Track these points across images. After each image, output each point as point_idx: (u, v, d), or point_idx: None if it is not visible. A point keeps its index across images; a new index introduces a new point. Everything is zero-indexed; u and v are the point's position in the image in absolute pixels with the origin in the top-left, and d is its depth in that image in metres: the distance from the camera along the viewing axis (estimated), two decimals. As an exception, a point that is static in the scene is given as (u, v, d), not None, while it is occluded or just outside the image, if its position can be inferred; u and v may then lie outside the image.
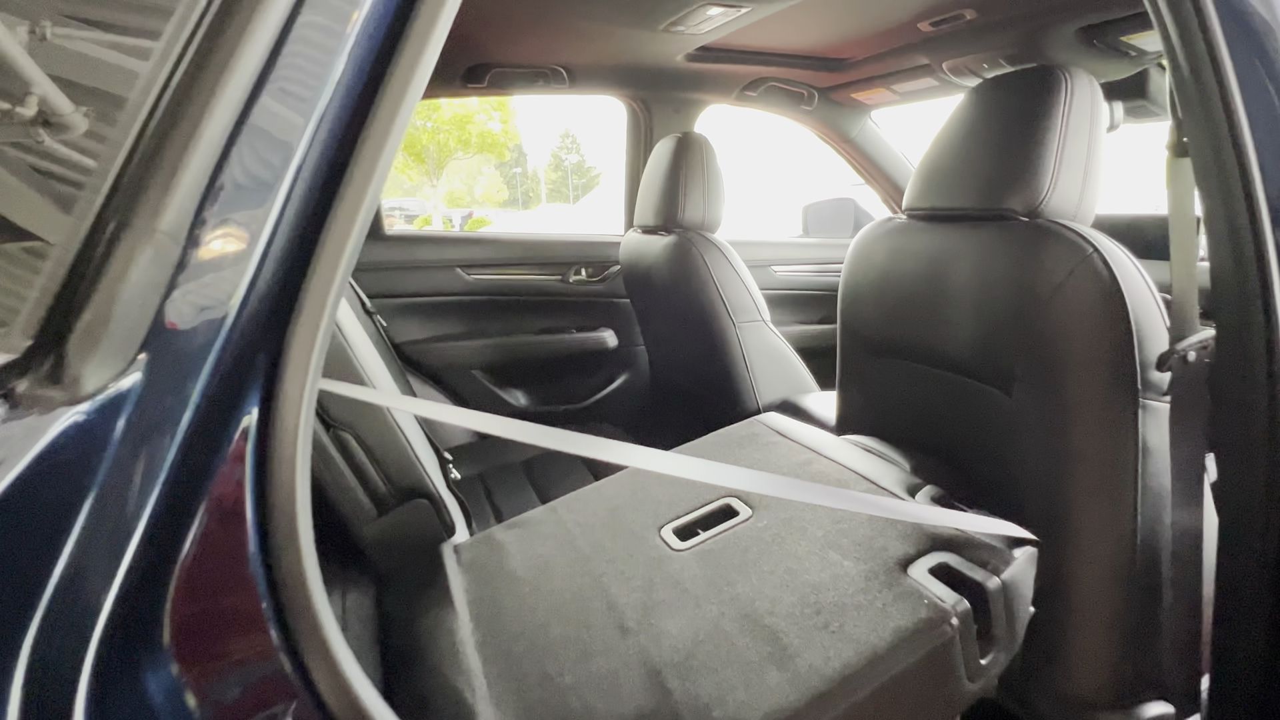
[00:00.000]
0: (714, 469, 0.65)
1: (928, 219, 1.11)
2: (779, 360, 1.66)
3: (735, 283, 1.60)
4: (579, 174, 38.48)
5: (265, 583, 0.42)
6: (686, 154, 1.64)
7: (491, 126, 20.94)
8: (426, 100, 14.37)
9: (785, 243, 2.41)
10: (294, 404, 0.43)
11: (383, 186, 0.48)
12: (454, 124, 20.32)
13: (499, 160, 24.83)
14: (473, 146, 21.10)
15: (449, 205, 31.78)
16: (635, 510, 1.08)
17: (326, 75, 0.43)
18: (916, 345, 1.11)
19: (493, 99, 20.03)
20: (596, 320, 2.19)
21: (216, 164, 0.39)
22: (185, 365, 0.38)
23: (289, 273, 0.43)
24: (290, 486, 0.43)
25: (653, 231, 1.74)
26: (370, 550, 1.11)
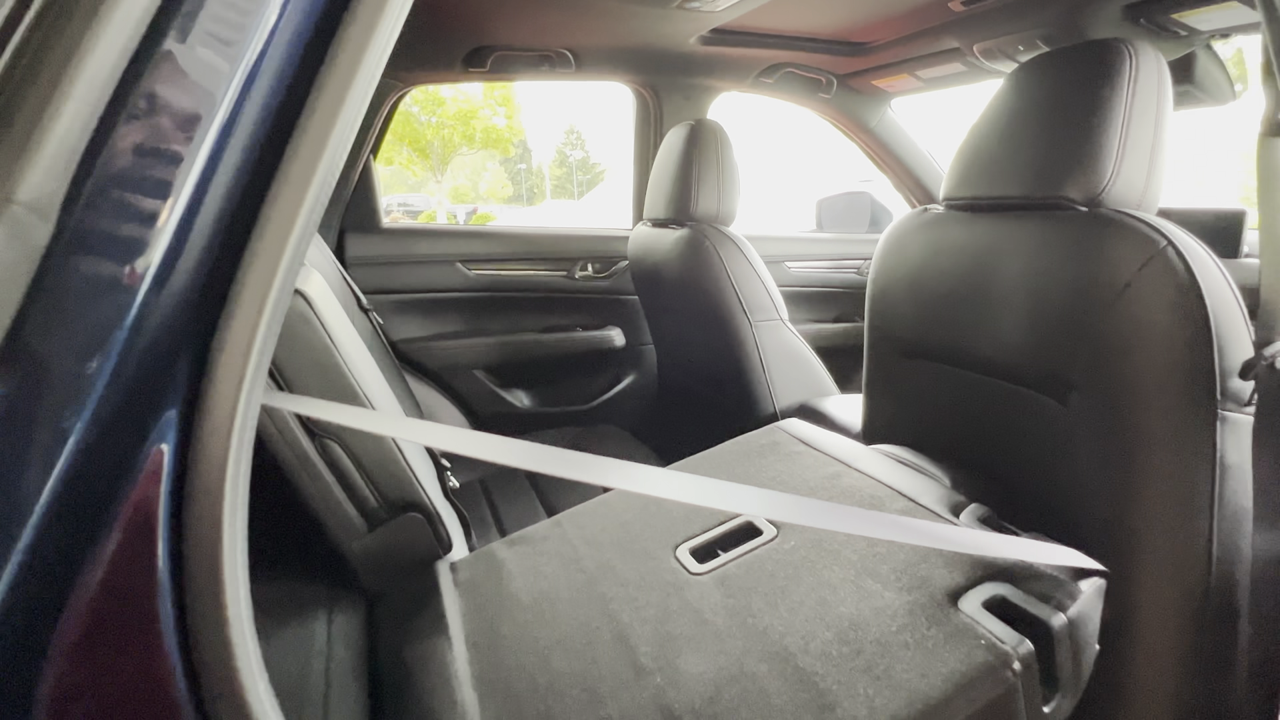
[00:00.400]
0: (738, 495, 0.56)
1: (969, 209, 1.01)
2: (798, 361, 1.57)
3: (752, 279, 1.51)
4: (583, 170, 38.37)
5: (183, 673, 0.33)
6: (700, 142, 1.54)
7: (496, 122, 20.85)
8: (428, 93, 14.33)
9: (798, 237, 2.31)
10: (221, 427, 0.34)
11: (343, 158, 0.39)
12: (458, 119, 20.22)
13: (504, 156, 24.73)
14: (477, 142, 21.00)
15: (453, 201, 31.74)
16: (648, 526, 0.99)
17: (259, 11, 0.34)
18: (956, 348, 1.02)
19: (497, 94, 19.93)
20: (603, 318, 2.10)
21: (103, 116, 0.29)
22: (63, 380, 0.29)
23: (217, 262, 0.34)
24: (213, 542, 0.33)
25: (664, 225, 1.65)
26: (359, 568, 1.02)
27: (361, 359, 1.04)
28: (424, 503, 1.03)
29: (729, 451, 1.16)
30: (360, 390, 0.96)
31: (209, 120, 0.33)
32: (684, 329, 1.71)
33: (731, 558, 0.89)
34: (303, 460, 0.95)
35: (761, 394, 1.54)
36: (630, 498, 1.08)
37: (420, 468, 1.08)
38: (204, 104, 0.33)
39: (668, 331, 1.83)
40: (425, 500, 1.03)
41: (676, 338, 1.79)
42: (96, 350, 0.29)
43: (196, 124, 0.32)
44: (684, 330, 1.71)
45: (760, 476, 1.05)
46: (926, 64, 1.71)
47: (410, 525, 1.03)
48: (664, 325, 1.84)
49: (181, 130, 0.32)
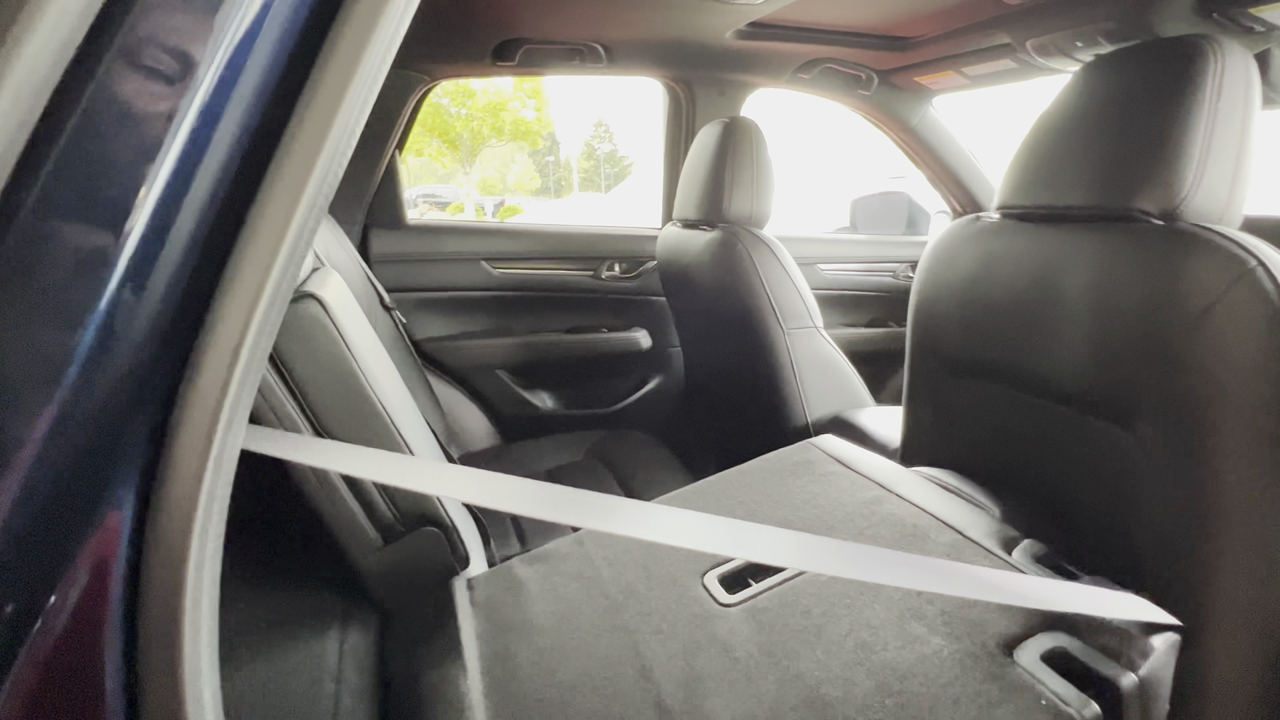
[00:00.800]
0: (763, 541, 0.51)
1: (1028, 219, 0.94)
2: (832, 371, 1.50)
3: (785, 284, 1.44)
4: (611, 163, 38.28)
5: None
6: (734, 141, 1.48)
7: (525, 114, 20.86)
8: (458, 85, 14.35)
9: (831, 239, 2.24)
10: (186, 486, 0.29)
11: (342, 162, 0.34)
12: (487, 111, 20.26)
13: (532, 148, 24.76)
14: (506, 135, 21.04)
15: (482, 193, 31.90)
16: (671, 550, 0.94)
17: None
18: (1009, 367, 0.95)
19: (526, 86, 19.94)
20: (630, 319, 2.05)
21: (48, 105, 0.24)
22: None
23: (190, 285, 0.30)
24: (169, 641, 0.28)
25: (694, 226, 1.59)
26: (373, 584, 0.99)
27: (379, 364, 1.00)
28: (441, 517, 0.99)
29: (759, 469, 1.10)
30: (375, 398, 0.92)
31: (177, 107, 0.28)
32: (714, 334, 1.65)
33: (763, 588, 0.84)
34: (317, 473, 0.92)
35: (793, 404, 1.48)
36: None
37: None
38: (169, 92, 0.28)
39: (697, 335, 1.78)
40: (442, 514, 0.99)
41: (706, 342, 1.74)
42: (29, 390, 0.25)
43: (163, 106, 0.27)
44: (714, 335, 1.66)
45: (792, 498, 0.99)
46: (974, 60, 1.63)
47: (426, 540, 0.99)
48: (693, 329, 1.79)
49: (144, 119, 0.27)
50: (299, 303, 0.87)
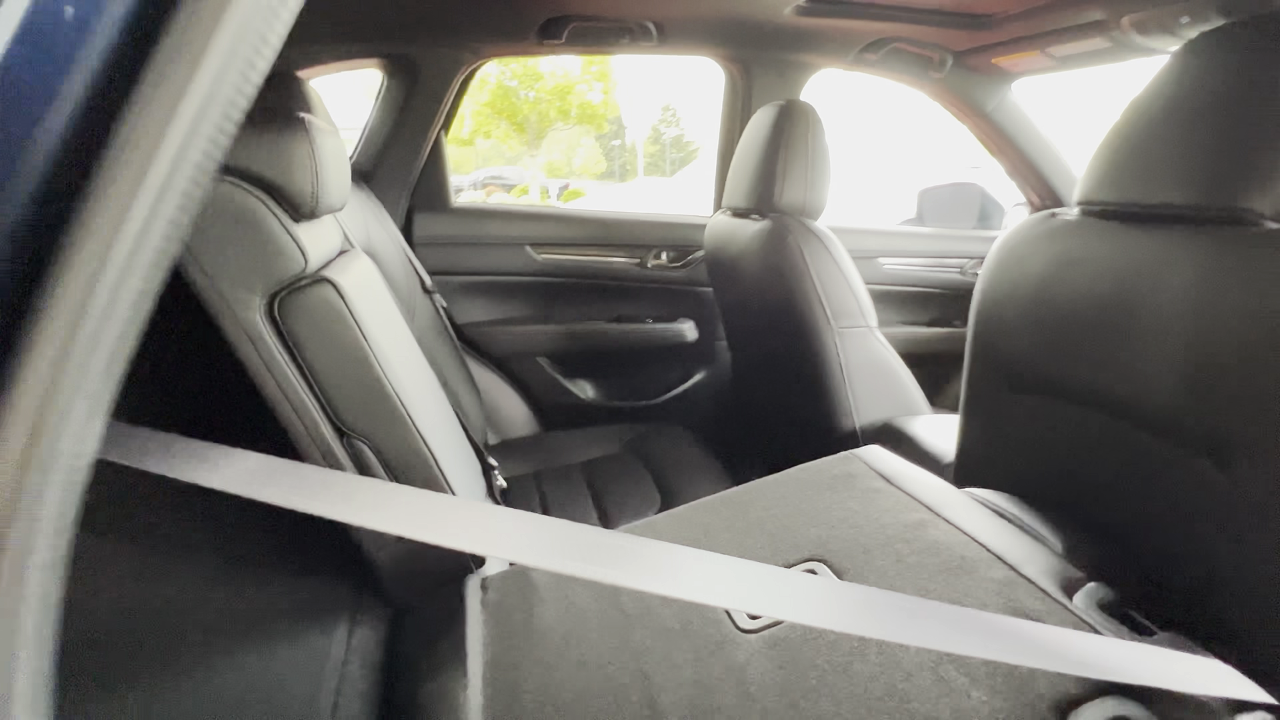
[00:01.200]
0: (798, 596, 0.44)
1: (1114, 217, 0.83)
2: (884, 375, 1.40)
3: (838, 280, 1.35)
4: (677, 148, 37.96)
5: None
6: (789, 125, 1.38)
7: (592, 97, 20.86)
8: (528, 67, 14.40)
9: (894, 231, 2.11)
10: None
11: (246, 94, 0.29)
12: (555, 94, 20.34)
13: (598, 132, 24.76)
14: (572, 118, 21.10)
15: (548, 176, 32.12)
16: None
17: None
18: (1084, 385, 0.84)
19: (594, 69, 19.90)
20: (676, 310, 1.98)
21: None
22: None
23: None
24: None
25: (744, 215, 1.51)
26: (385, 578, 0.96)
27: (400, 350, 0.97)
28: None
29: (795, 480, 1.03)
30: (390, 385, 0.89)
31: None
32: (760, 329, 1.57)
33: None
34: (330, 460, 0.89)
35: (841, 408, 1.39)
36: (681, 524, 0.97)
37: (457, 470, 1.01)
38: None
39: (742, 330, 1.70)
40: None
41: (751, 338, 1.66)
42: None
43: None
44: (760, 330, 1.58)
45: (828, 515, 0.91)
46: (1061, 39, 1.48)
47: None
48: (739, 323, 1.71)
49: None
50: (313, 287, 0.84)
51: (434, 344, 1.63)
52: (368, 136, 1.68)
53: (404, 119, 1.64)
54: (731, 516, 0.96)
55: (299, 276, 0.84)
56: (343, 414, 0.88)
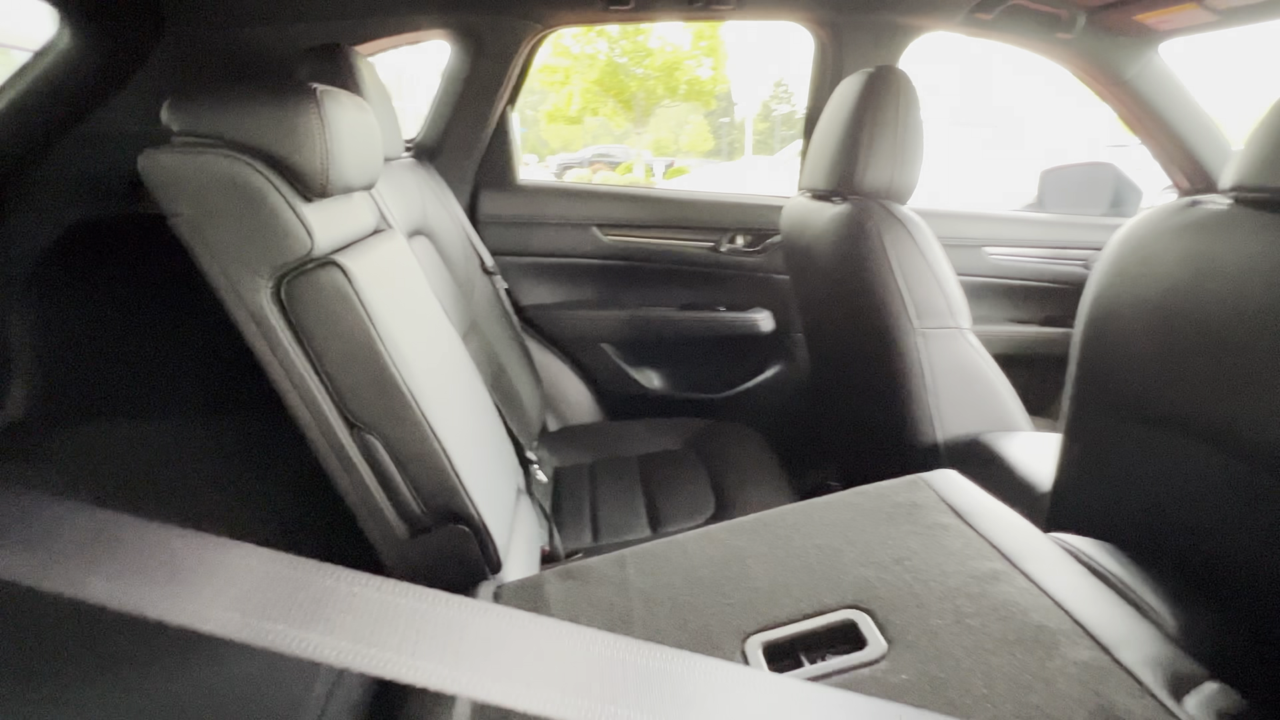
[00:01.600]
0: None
1: (1276, 206, 0.64)
2: (975, 383, 1.22)
3: (924, 274, 1.18)
4: (788, 125, 36.77)
5: None
6: (877, 96, 1.22)
7: (701, 73, 20.50)
8: (636, 44, 14.27)
9: (1003, 217, 1.86)
10: None
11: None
12: (664, 70, 20.13)
13: (706, 109, 24.33)
14: (680, 94, 20.84)
15: (654, 154, 32.05)
16: (720, 593, 0.77)
17: None
18: (1222, 424, 0.66)
19: (704, 42, 19.53)
20: (750, 299, 1.84)
21: None
22: None
23: None
24: None
25: (823, 197, 1.36)
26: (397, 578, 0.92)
27: (419, 342, 0.91)
28: (470, 514, 0.90)
29: (851, 504, 0.89)
30: (401, 380, 0.83)
31: None
32: (834, 325, 1.42)
33: (817, 673, 0.65)
34: (339, 453, 0.85)
35: (922, 418, 1.23)
36: (710, 546, 0.87)
37: (476, 467, 0.95)
38: None
39: (818, 324, 1.55)
40: (471, 512, 0.89)
41: (827, 333, 1.50)
42: None
43: None
44: (834, 327, 1.42)
45: (882, 552, 0.78)
46: (1227, -13, 1.22)
47: (455, 537, 0.90)
48: (815, 316, 1.56)
49: None
50: (320, 270, 0.79)
51: (491, 326, 1.59)
52: (433, 113, 1.64)
53: (468, 93, 1.59)
54: (771, 542, 0.85)
55: (305, 259, 0.79)
56: (351, 405, 0.83)
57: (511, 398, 1.49)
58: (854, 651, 0.66)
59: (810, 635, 0.70)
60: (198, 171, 0.75)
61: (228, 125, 0.77)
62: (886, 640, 0.66)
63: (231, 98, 0.78)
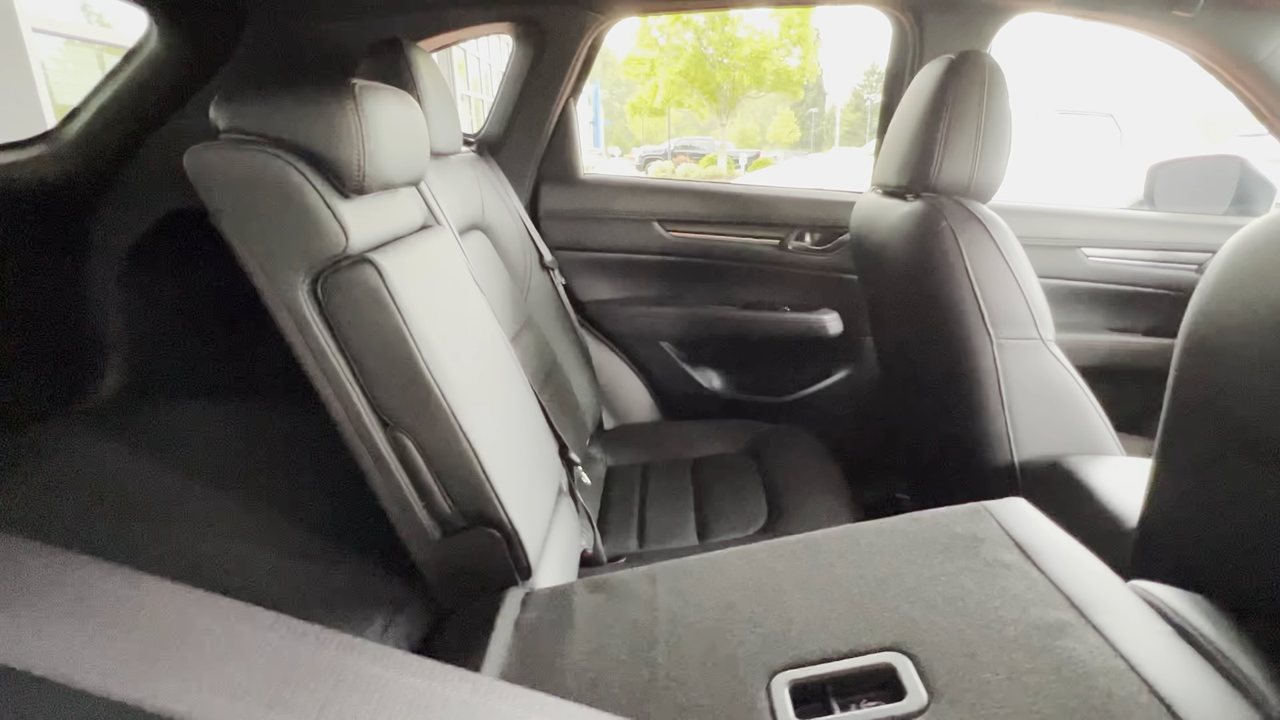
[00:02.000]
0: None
1: None
2: (1058, 400, 1.11)
3: (1002, 279, 1.08)
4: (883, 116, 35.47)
5: None
6: (958, 83, 1.11)
7: (789, 63, 20.05)
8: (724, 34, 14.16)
9: (1106, 215, 1.70)
10: None
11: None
12: (751, 60, 19.80)
13: (794, 99, 23.78)
14: (767, 85, 20.45)
15: (738, 145, 31.71)
16: (752, 622, 0.72)
17: None
18: None
19: (793, 31, 19.07)
20: (818, 299, 1.76)
21: None
22: None
23: None
24: None
25: (895, 194, 1.26)
26: (428, 576, 0.91)
27: (455, 341, 0.90)
28: (500, 519, 0.88)
29: (903, 532, 0.82)
30: (433, 380, 0.82)
31: None
32: (905, 331, 1.33)
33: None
34: (372, 450, 0.85)
35: (997, 436, 1.13)
36: (747, 567, 0.82)
37: (511, 472, 0.93)
38: None
39: (888, 329, 1.45)
40: (502, 517, 0.88)
41: (897, 339, 1.41)
42: None
43: None
44: (904, 332, 1.33)
45: (933, 591, 0.71)
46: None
47: (485, 541, 0.89)
48: (885, 320, 1.46)
49: None
50: (354, 268, 0.78)
51: (548, 321, 1.58)
52: (496, 106, 1.64)
53: (530, 86, 1.58)
54: (812, 568, 0.79)
55: (340, 256, 0.79)
56: (384, 403, 0.83)
57: (564, 395, 1.48)
58: (890, 702, 0.60)
59: (844, 677, 0.64)
60: (238, 168, 0.76)
61: (269, 122, 0.77)
62: (928, 691, 0.59)
63: (273, 95, 0.78)
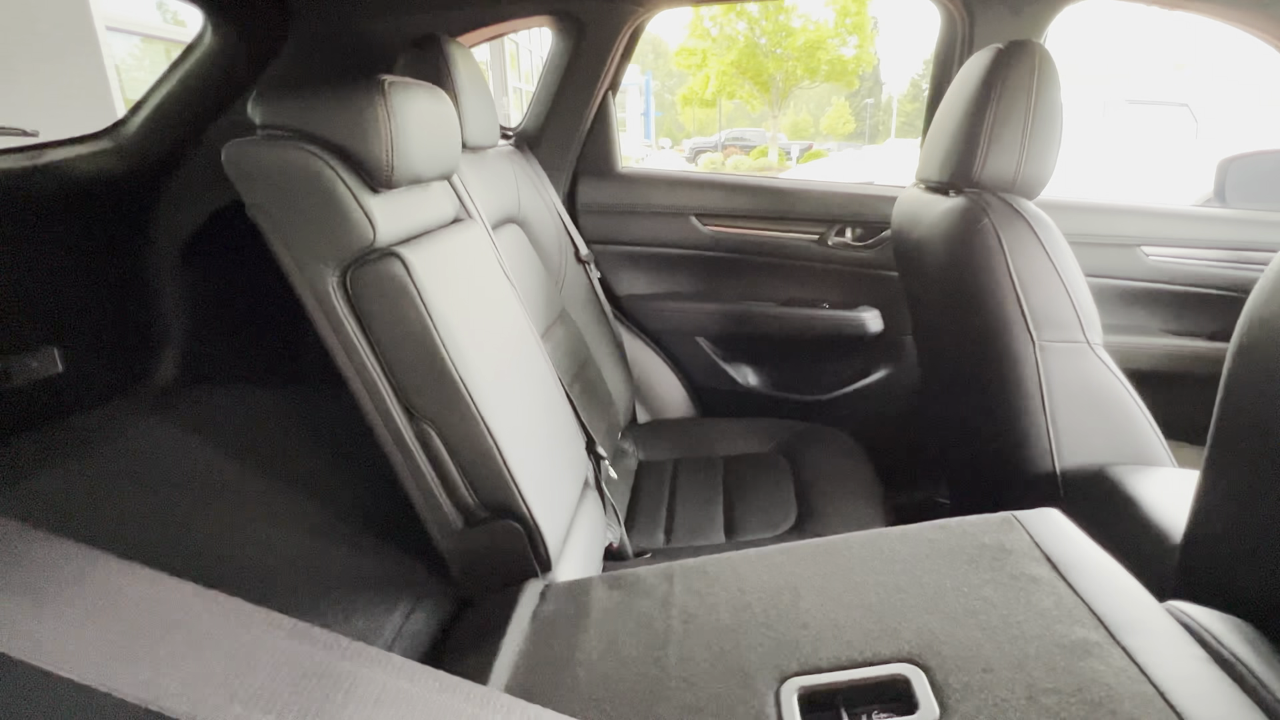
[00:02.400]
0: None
1: None
2: (1104, 406, 1.06)
3: (1047, 279, 1.03)
4: (940, 105, 34.33)
5: None
6: (1006, 74, 1.07)
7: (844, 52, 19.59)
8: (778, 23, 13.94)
9: (1168, 212, 1.61)
10: None
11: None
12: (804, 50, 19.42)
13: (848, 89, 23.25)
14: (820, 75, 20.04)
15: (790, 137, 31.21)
16: (766, 626, 0.71)
17: None
18: None
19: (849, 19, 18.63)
20: (858, 296, 1.72)
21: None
22: None
23: None
24: None
25: (938, 190, 1.22)
26: (451, 566, 0.93)
27: (480, 335, 0.91)
28: (521, 511, 0.89)
29: (927, 540, 0.80)
30: (456, 374, 0.83)
31: None
32: (944, 330, 1.29)
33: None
34: (398, 440, 0.87)
35: (1038, 442, 1.08)
36: (764, 570, 0.81)
37: (533, 467, 0.94)
38: None
39: (928, 329, 1.41)
40: (522, 508, 0.89)
41: (936, 340, 1.37)
42: None
43: None
44: (944, 332, 1.29)
45: (953, 600, 0.69)
46: None
47: (506, 533, 0.90)
48: (925, 320, 1.42)
49: None
50: (381, 261, 0.80)
51: (582, 315, 1.59)
52: (534, 100, 1.65)
53: (569, 79, 1.58)
54: (830, 573, 0.78)
55: (368, 249, 0.80)
56: (409, 395, 0.85)
57: (595, 389, 1.48)
58: (901, 715, 0.58)
59: (856, 687, 0.63)
60: (272, 162, 0.78)
61: (302, 118, 0.80)
62: (940, 706, 0.58)
63: (306, 91, 0.80)
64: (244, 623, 0.33)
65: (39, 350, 1.25)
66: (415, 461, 0.87)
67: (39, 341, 1.25)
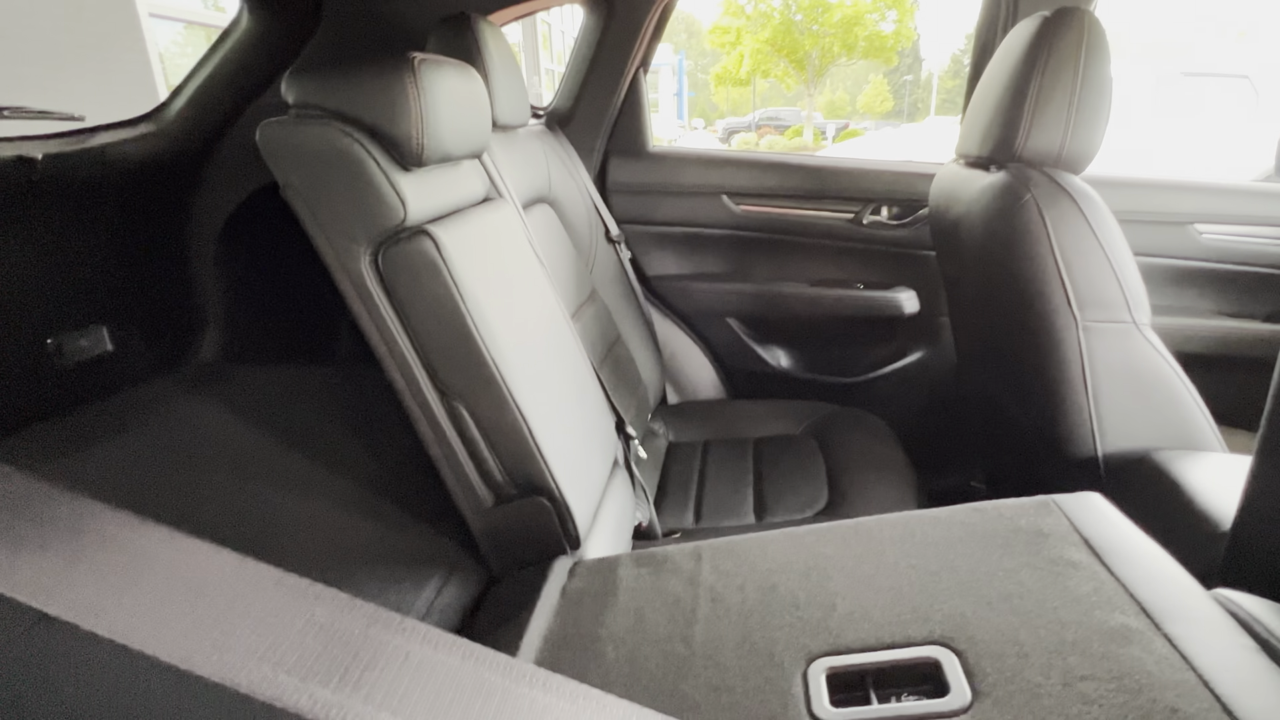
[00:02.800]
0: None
1: None
2: (1151, 389, 1.03)
3: (1093, 257, 1.00)
4: (983, 82, 33.29)
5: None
6: (1053, 43, 1.02)
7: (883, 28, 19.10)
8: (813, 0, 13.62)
9: (1223, 188, 1.54)
10: None
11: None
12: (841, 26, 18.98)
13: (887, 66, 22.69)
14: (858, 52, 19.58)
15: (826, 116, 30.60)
16: (792, 606, 0.71)
17: None
18: None
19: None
20: (894, 276, 1.68)
21: None
22: None
23: None
24: None
25: (978, 165, 1.19)
26: (483, 543, 0.94)
27: (510, 314, 0.91)
28: (550, 488, 0.89)
29: (961, 522, 0.79)
30: (486, 351, 0.84)
31: None
32: (983, 311, 1.25)
33: (885, 714, 0.58)
34: (430, 418, 0.88)
35: (1079, 426, 1.05)
36: (793, 550, 0.80)
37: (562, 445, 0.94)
38: None
39: (965, 309, 1.37)
40: (551, 485, 0.89)
41: (974, 320, 1.33)
42: None
43: None
44: (983, 312, 1.26)
45: (987, 585, 0.68)
46: None
47: (536, 510, 0.90)
48: (962, 300, 1.38)
49: None
50: (411, 240, 0.81)
51: (612, 295, 1.58)
52: (565, 79, 1.63)
53: (600, 58, 1.56)
54: (861, 555, 0.77)
55: (399, 228, 0.81)
56: (441, 373, 0.85)
57: (625, 369, 1.48)
58: (932, 698, 0.58)
59: (886, 669, 0.62)
60: (304, 142, 0.79)
61: (333, 97, 0.80)
62: (972, 690, 0.57)
63: (337, 71, 0.81)
64: (276, 589, 0.33)
65: (89, 329, 1.29)
66: (446, 439, 0.88)
67: (89, 320, 1.29)
